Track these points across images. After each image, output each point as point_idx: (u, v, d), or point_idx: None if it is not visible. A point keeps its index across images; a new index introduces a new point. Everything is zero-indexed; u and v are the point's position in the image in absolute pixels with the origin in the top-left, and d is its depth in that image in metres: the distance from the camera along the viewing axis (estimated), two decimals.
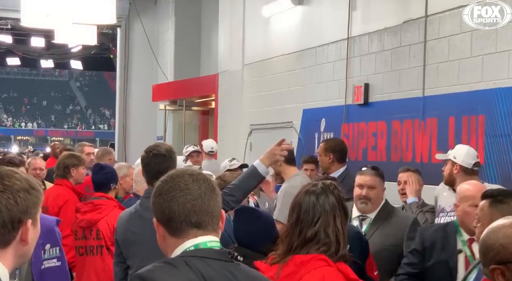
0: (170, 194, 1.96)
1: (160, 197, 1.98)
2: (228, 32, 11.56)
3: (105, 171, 5.26)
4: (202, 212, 1.96)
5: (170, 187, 1.98)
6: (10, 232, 1.77)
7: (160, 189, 2.00)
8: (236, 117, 11.17)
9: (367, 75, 7.82)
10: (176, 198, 1.95)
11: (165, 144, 4.07)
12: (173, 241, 1.97)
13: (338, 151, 5.92)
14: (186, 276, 1.88)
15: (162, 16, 15.53)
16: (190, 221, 1.94)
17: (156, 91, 15.04)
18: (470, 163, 4.84)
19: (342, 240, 2.73)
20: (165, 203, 1.95)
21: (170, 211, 1.94)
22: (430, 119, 6.75)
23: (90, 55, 20.91)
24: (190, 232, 1.95)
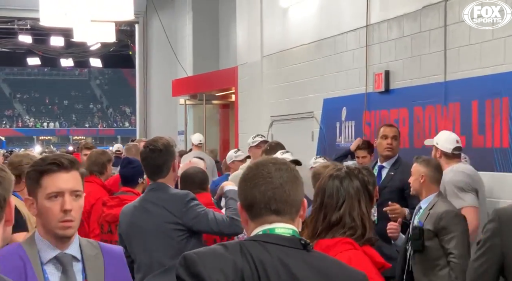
0: (253, 181, 2.05)
1: (244, 183, 2.08)
2: (246, 24, 11.54)
3: (133, 165, 5.25)
4: (281, 200, 2.03)
5: (254, 175, 2.06)
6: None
7: (245, 176, 2.09)
8: (256, 109, 11.15)
9: (387, 62, 7.76)
10: (258, 186, 2.03)
11: (163, 139, 4.09)
12: (253, 226, 2.05)
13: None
14: (232, 259, 1.93)
15: (179, 11, 15.55)
16: (270, 208, 2.02)
17: (176, 86, 15.07)
18: (450, 147, 5.34)
19: (367, 224, 2.70)
20: (248, 189, 2.05)
21: (252, 197, 2.03)
22: (452, 104, 6.69)
23: (109, 53, 21.03)
24: (268, 218, 2.02)
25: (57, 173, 2.37)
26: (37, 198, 2.38)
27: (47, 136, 66.54)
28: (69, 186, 2.37)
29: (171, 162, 3.96)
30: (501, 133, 6.05)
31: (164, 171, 3.92)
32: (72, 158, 2.44)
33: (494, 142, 6.15)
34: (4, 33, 19.66)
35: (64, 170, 2.38)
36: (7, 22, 18.21)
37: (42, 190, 2.36)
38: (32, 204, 2.39)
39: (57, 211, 2.35)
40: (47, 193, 2.36)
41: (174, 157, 4.00)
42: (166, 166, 3.92)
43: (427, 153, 6.75)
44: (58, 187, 2.36)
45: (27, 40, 19.25)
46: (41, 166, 2.38)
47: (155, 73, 16.43)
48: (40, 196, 2.37)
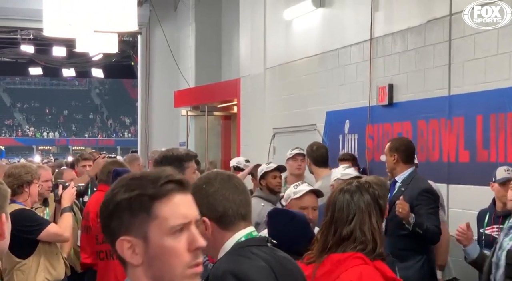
0: (221, 193, 2.28)
1: (210, 197, 2.27)
2: (249, 36, 11.57)
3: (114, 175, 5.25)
4: (247, 205, 2.30)
5: (218, 188, 2.29)
6: None
7: (209, 190, 2.29)
8: (258, 121, 11.16)
9: (391, 75, 7.78)
10: (226, 196, 2.27)
11: (177, 150, 4.11)
12: (222, 234, 2.27)
13: (404, 150, 5.42)
14: (258, 263, 2.22)
15: (182, 22, 15.59)
16: (240, 214, 2.28)
17: (177, 97, 15.08)
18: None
19: (378, 238, 2.70)
20: (217, 201, 2.27)
21: (224, 208, 2.27)
22: (456, 118, 6.69)
23: (111, 63, 21.04)
24: (240, 224, 2.28)
25: (177, 196, 1.62)
26: (149, 236, 1.59)
27: (47, 146, 66.48)
28: (195, 213, 1.65)
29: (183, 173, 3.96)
30: (506, 148, 6.06)
31: None
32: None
33: (498, 157, 6.15)
34: (6, 43, 19.69)
35: (183, 192, 1.64)
36: (10, 32, 18.24)
37: (158, 223, 1.59)
38: (132, 248, 1.59)
39: (184, 251, 1.60)
40: (170, 226, 1.59)
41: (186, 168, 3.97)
42: None
43: (432, 166, 6.77)
44: (184, 215, 1.61)
45: (30, 50, 19.28)
46: (153, 188, 1.60)
47: (157, 84, 16.44)
48: (156, 232, 1.59)
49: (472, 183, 6.47)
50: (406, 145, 5.48)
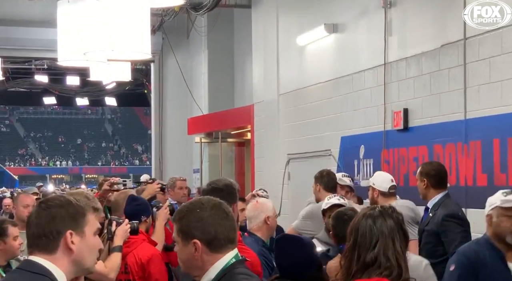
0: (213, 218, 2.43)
1: (204, 221, 2.42)
2: (262, 62, 11.61)
3: (137, 203, 5.13)
4: (234, 230, 2.48)
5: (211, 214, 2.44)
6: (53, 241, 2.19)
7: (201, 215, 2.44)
8: (273, 147, 11.15)
9: (406, 100, 7.77)
10: (218, 222, 2.42)
11: (227, 179, 4.04)
12: (212, 257, 2.42)
13: (433, 175, 5.25)
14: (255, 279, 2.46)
15: (195, 49, 15.68)
16: (229, 238, 2.44)
17: (191, 124, 15.12)
18: (386, 187, 5.66)
19: (403, 264, 2.67)
20: (210, 226, 2.42)
21: (216, 232, 2.42)
22: (473, 142, 6.66)
23: (124, 91, 21.16)
24: (228, 247, 2.44)
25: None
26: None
27: (60, 175, 66.70)
28: None
29: (231, 205, 3.87)
30: None
31: None
32: None
33: None
34: (21, 73, 19.87)
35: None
36: (25, 62, 18.42)
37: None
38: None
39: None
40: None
41: (235, 200, 3.89)
42: None
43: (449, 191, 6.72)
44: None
45: (44, 80, 19.43)
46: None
47: (171, 111, 16.50)
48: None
49: None
50: (436, 170, 5.31)
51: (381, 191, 5.66)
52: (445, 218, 5.03)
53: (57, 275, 2.18)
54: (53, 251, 2.19)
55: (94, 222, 2.28)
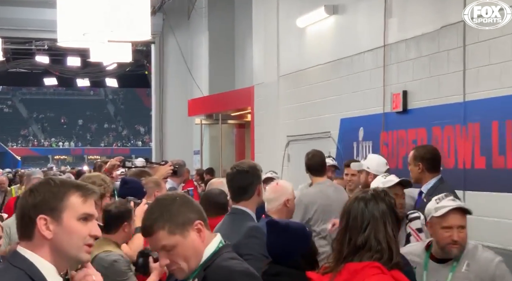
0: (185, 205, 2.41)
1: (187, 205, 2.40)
2: (262, 44, 11.57)
3: (128, 186, 4.98)
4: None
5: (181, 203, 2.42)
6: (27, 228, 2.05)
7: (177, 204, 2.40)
8: (272, 129, 11.14)
9: (405, 82, 7.74)
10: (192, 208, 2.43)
11: (250, 161, 4.06)
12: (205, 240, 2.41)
13: (428, 159, 5.10)
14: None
15: (195, 31, 15.62)
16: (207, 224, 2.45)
17: (191, 106, 15.11)
18: (382, 171, 5.36)
19: (394, 247, 2.67)
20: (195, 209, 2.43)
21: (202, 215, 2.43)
22: (472, 124, 6.64)
23: (125, 73, 21.12)
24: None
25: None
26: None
27: (62, 156, 66.78)
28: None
29: (256, 185, 3.87)
30: None
31: (248, 193, 3.84)
32: None
33: None
34: (21, 54, 19.82)
35: None
36: (25, 43, 18.37)
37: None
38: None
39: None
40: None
41: (260, 181, 3.90)
42: (251, 188, 3.85)
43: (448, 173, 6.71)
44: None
45: (44, 61, 19.38)
46: None
47: (171, 93, 16.48)
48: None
49: (488, 189, 6.41)
50: (431, 153, 5.18)
51: (377, 175, 5.28)
52: None
53: (41, 267, 2.02)
54: (31, 238, 2.05)
55: (78, 206, 2.06)
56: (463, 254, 3.42)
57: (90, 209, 2.11)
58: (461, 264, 3.41)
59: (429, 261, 3.46)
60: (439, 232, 3.40)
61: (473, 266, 3.39)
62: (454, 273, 3.39)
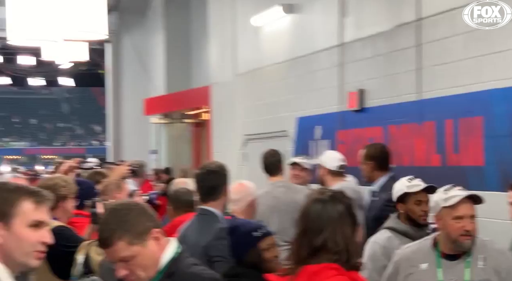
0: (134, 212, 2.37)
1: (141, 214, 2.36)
2: (219, 43, 11.53)
3: (80, 188, 4.90)
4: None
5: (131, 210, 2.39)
6: None
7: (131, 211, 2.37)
8: (230, 127, 11.12)
9: (361, 80, 7.78)
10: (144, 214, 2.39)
11: (218, 162, 4.05)
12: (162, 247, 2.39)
13: (378, 157, 5.19)
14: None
15: (151, 29, 15.50)
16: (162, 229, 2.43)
17: (148, 105, 14.99)
18: (335, 165, 5.51)
19: (352, 248, 2.67)
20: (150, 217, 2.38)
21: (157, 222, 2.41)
22: (427, 122, 6.71)
23: (80, 72, 20.86)
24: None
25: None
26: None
27: (15, 156, 65.67)
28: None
29: (224, 186, 3.88)
30: (476, 152, 6.08)
31: (217, 194, 3.84)
32: None
33: (469, 161, 6.17)
34: None
35: None
36: None
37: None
38: None
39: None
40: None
41: (228, 182, 3.91)
42: (220, 188, 3.85)
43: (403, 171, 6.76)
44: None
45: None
46: None
47: (127, 92, 16.33)
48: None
49: None
50: (381, 152, 5.25)
51: (329, 170, 5.52)
52: (386, 203, 4.81)
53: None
54: None
55: (30, 213, 2.05)
56: (473, 247, 3.25)
57: (42, 216, 2.07)
58: (475, 259, 3.23)
59: (441, 259, 3.27)
60: (450, 224, 3.21)
61: (490, 260, 3.22)
62: (471, 269, 3.21)
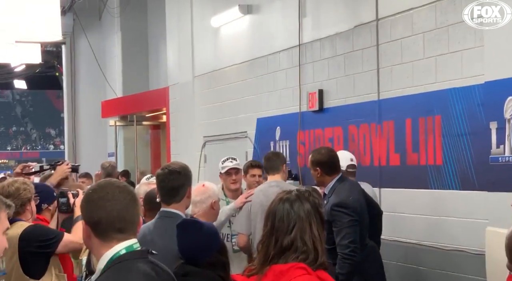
0: (99, 203, 2.28)
1: (90, 203, 2.31)
2: (176, 45, 11.46)
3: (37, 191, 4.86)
4: (125, 220, 2.30)
5: (99, 197, 2.29)
6: None
7: (90, 196, 2.32)
8: (188, 129, 11.05)
9: (320, 81, 7.81)
10: (104, 207, 2.27)
11: (181, 163, 3.96)
12: (99, 243, 2.29)
13: (325, 162, 5.15)
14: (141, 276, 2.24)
15: (107, 31, 15.34)
16: (115, 227, 2.27)
17: (105, 107, 14.82)
18: (343, 165, 5.61)
19: (320, 247, 2.65)
20: (94, 210, 2.29)
21: (99, 217, 2.27)
22: (386, 122, 6.77)
23: (34, 74, 20.54)
24: (115, 237, 2.28)
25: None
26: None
27: None
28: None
29: (187, 187, 3.81)
30: (435, 151, 6.15)
31: (179, 195, 3.77)
32: None
33: (428, 160, 6.24)
34: None
35: None
36: None
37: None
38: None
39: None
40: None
41: (190, 183, 3.84)
42: (182, 190, 3.78)
43: (364, 170, 6.81)
44: None
45: None
46: None
47: (84, 94, 16.14)
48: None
49: (403, 186, 6.55)
50: (327, 157, 5.20)
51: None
52: (333, 207, 4.87)
53: None
54: None
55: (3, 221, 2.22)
56: None
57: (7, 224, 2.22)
58: None
59: None
60: None
61: None
62: None
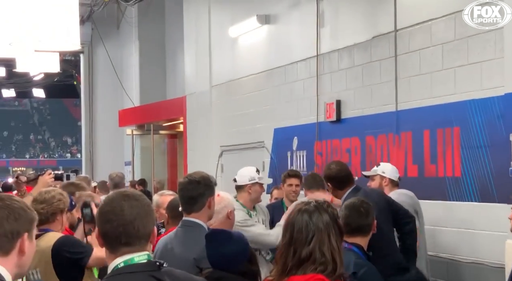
0: (107, 216, 2.29)
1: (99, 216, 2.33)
2: (194, 54, 11.49)
3: None
4: (131, 235, 2.28)
5: (107, 211, 2.31)
6: (10, 242, 2.17)
7: (101, 210, 2.34)
8: (205, 139, 11.07)
9: (338, 91, 7.80)
10: (111, 222, 2.28)
11: (203, 172, 3.92)
12: (107, 252, 2.33)
13: (334, 178, 5.22)
14: None
15: (125, 40, 15.41)
16: (121, 241, 2.27)
17: (122, 116, 14.88)
18: (396, 176, 6.00)
19: (338, 259, 2.64)
20: (102, 223, 2.31)
21: (105, 231, 2.30)
22: (404, 133, 6.74)
23: (52, 83, 20.67)
24: (120, 250, 2.28)
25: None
26: None
27: None
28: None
29: (207, 197, 3.76)
30: (453, 162, 6.12)
31: (198, 204, 3.73)
32: None
33: (446, 171, 6.20)
34: None
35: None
36: None
37: None
38: None
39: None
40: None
41: (212, 193, 3.79)
42: (201, 199, 3.74)
43: None
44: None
45: None
46: None
47: (101, 103, 16.22)
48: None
49: (421, 197, 6.50)
50: (335, 172, 5.25)
51: (391, 180, 5.93)
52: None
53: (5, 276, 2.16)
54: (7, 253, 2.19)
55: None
56: None
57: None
58: None
59: None
60: None
61: None
62: None
